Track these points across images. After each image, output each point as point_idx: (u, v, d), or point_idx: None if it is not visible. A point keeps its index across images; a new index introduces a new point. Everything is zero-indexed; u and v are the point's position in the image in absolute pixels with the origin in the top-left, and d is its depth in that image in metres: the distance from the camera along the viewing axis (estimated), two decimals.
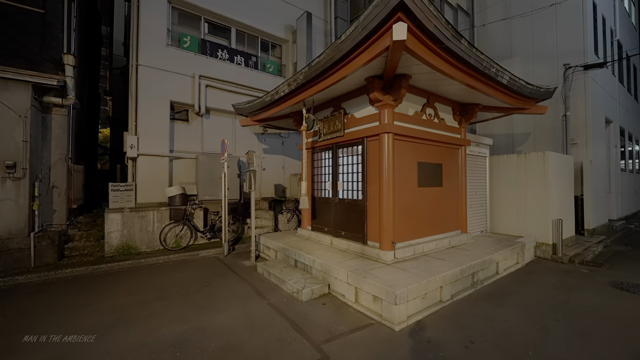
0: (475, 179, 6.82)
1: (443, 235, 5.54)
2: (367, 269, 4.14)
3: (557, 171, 6.68)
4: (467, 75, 4.12)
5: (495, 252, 5.14)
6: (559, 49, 9.53)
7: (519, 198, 6.83)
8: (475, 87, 4.44)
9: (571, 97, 9.07)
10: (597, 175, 9.19)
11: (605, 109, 10.18)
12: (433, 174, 5.44)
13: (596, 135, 9.31)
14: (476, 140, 6.68)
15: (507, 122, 10.80)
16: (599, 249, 7.36)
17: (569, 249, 6.77)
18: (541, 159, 6.46)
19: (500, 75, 4.36)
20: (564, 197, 6.99)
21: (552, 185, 6.43)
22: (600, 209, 9.22)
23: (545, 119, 9.76)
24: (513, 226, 6.93)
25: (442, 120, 5.64)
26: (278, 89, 5.10)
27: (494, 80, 4.44)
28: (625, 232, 9.61)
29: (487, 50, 11.49)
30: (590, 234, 8.42)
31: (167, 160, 8.33)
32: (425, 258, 4.68)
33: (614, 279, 5.10)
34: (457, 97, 5.58)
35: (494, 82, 4.49)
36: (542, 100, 5.89)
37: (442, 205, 5.62)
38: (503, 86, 4.68)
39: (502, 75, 4.39)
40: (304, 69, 4.31)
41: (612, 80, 11.10)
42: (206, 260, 6.69)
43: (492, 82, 4.49)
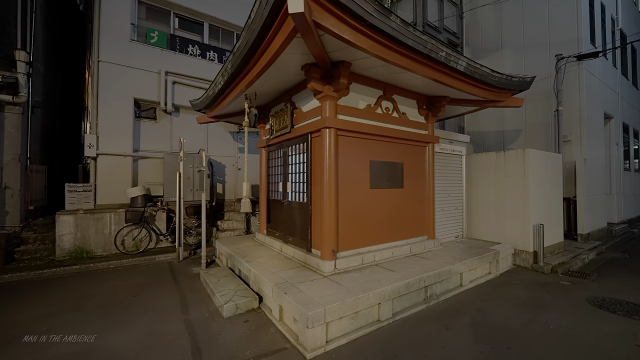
0: (449, 180, 6.23)
1: (403, 242, 4.99)
2: (297, 281, 3.65)
3: (540, 171, 6.03)
4: (411, 60, 3.58)
5: (459, 261, 4.57)
6: (551, 39, 8.83)
7: (497, 200, 6.21)
8: (428, 75, 3.89)
9: (564, 91, 8.35)
10: (594, 175, 8.44)
11: (604, 104, 9.39)
12: (391, 174, 4.90)
13: (592, 132, 8.56)
14: (448, 137, 6.09)
15: (497, 119, 10.13)
16: (590, 256, 6.66)
17: (554, 257, 6.11)
18: (520, 157, 5.83)
19: (453, 60, 3.80)
20: (550, 200, 6.33)
21: (533, 186, 5.79)
22: (596, 211, 8.47)
23: (537, 115, 9.06)
24: (492, 231, 6.31)
25: (403, 114, 5.10)
26: (216, 81, 4.66)
27: (448, 67, 3.88)
28: (626, 237, 8.82)
29: (478, 42, 10.83)
30: (584, 239, 7.70)
31: (130, 160, 7.99)
32: (373, 269, 4.15)
33: (595, 293, 4.46)
34: (420, 89, 5.03)
35: (449, 68, 3.93)
36: (518, 91, 5.28)
37: (404, 208, 5.07)
38: (462, 74, 4.12)
39: (456, 61, 3.83)
40: (229, 57, 3.85)
41: (613, 73, 10.28)
42: (158, 265, 6.29)
43: (446, 69, 3.94)
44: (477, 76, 4.22)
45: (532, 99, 9.19)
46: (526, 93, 9.38)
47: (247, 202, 4.71)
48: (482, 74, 4.26)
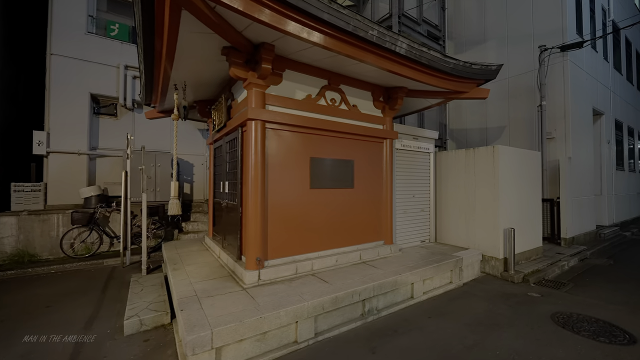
0: (414, 179, 5.73)
1: (352, 249, 4.50)
2: (208, 295, 3.18)
3: (514, 169, 5.51)
4: (336, 40, 3.10)
5: (410, 270, 4.07)
6: (535, 30, 8.29)
7: (467, 202, 5.70)
8: (364, 59, 3.41)
9: (547, 84, 7.81)
10: (581, 174, 7.89)
11: (593, 99, 8.83)
12: (339, 173, 4.41)
13: (579, 129, 8.00)
14: (412, 132, 5.59)
15: (481, 115, 9.60)
16: (571, 263, 6.12)
17: (529, 264, 5.59)
18: (490, 155, 5.32)
19: (389, 42, 3.31)
20: (526, 201, 5.80)
21: (504, 186, 5.27)
22: (583, 214, 7.91)
23: (520, 111, 8.53)
24: (461, 236, 5.79)
25: (354, 107, 4.61)
26: (139, 68, 4.21)
27: (385, 49, 3.40)
28: (615, 241, 8.24)
29: (461, 35, 10.31)
30: (568, 243, 7.15)
31: (86, 159, 7.58)
32: (306, 280, 3.67)
33: (564, 308, 3.94)
34: (374, 79, 4.55)
35: (387, 51, 3.44)
36: (484, 81, 4.77)
37: (354, 211, 4.58)
38: (406, 59, 3.63)
39: (393, 42, 3.34)
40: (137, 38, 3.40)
41: (604, 66, 9.71)
42: (100, 271, 5.86)
43: (384, 52, 3.45)
44: (425, 61, 3.72)
45: (515, 93, 8.66)
46: (509, 88, 8.87)
47: (174, 204, 4.26)
48: (431, 59, 3.76)
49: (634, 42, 12.53)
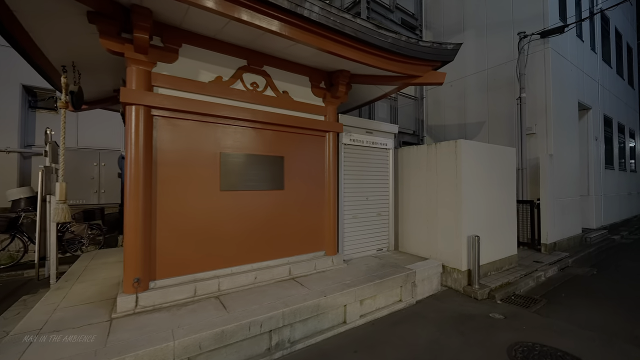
0: (368, 179, 5.01)
1: (279, 262, 3.77)
2: (55, 328, 2.44)
3: (481, 168, 4.81)
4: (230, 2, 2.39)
5: (343, 289, 3.35)
6: (515, 16, 7.60)
7: (429, 205, 4.99)
8: (270, 29, 2.70)
9: (528, 75, 7.12)
10: (563, 173, 7.20)
11: (578, 92, 8.15)
12: (263, 172, 3.69)
13: (563, 124, 7.32)
14: (365, 125, 4.86)
15: (459, 110, 8.91)
16: (549, 273, 5.42)
17: (499, 275, 4.89)
18: (452, 150, 4.61)
19: (295, 2, 2.59)
20: (497, 203, 5.10)
21: (469, 187, 4.57)
22: (567, 216, 7.22)
23: (500, 104, 7.84)
24: (423, 244, 5.08)
25: (284, 93, 3.89)
26: None
27: (295, 15, 2.68)
28: (602, 246, 7.56)
29: (439, 25, 9.62)
30: (549, 250, 6.45)
31: (17, 157, 6.83)
32: (203, 304, 2.94)
33: (527, 335, 3.23)
34: (308, 60, 3.83)
35: (297, 18, 2.72)
36: (440, 64, 4.06)
37: (284, 217, 3.86)
38: (326, 29, 2.91)
39: (299, 3, 2.62)
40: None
41: (591, 57, 9.04)
42: (12, 283, 5.12)
43: (295, 18, 2.73)
44: (350, 32, 3.00)
45: (495, 86, 7.97)
46: (488, 80, 8.18)
47: (60, 209, 3.52)
48: (359, 29, 3.03)
49: (624, 34, 11.90)
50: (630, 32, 12.88)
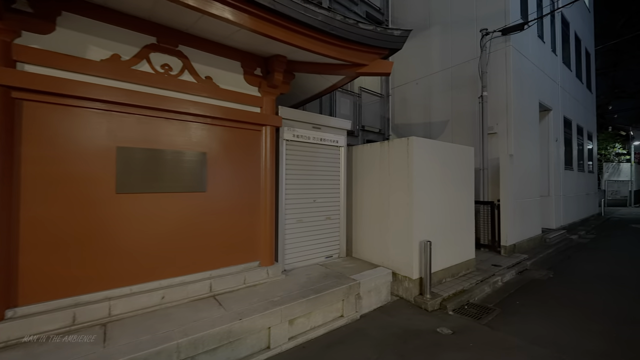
0: (316, 179, 4.55)
1: (198, 277, 3.22)
2: None
3: (435, 167, 4.49)
4: None
5: (266, 309, 2.85)
6: (478, 12, 7.45)
7: (381, 208, 4.61)
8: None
9: (489, 73, 6.97)
10: (524, 174, 7.12)
11: (540, 92, 8.16)
12: (177, 171, 3.12)
13: (524, 124, 7.25)
14: (312, 120, 4.40)
15: (425, 109, 8.70)
16: (507, 277, 5.22)
17: (454, 282, 4.59)
18: (404, 148, 4.25)
19: None
20: (453, 206, 4.82)
21: (421, 187, 4.23)
22: (528, 217, 7.16)
23: (463, 103, 7.67)
24: (375, 250, 4.70)
25: (207, 79, 3.34)
26: None
27: None
28: (561, 246, 7.58)
29: (406, 20, 9.37)
30: (509, 252, 6.31)
31: None
32: (78, 336, 2.33)
33: (474, 354, 2.89)
34: (237, 41, 3.30)
35: None
36: (388, 52, 3.67)
37: (206, 223, 3.31)
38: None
39: None
40: None
41: (552, 60, 9.13)
42: None
43: None
44: (268, 4, 2.51)
45: (458, 84, 7.80)
46: (453, 78, 7.99)
47: None
48: (280, 1, 2.55)
49: (583, 39, 12.27)
50: (589, 39, 13.35)
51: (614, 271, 5.58)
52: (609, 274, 5.43)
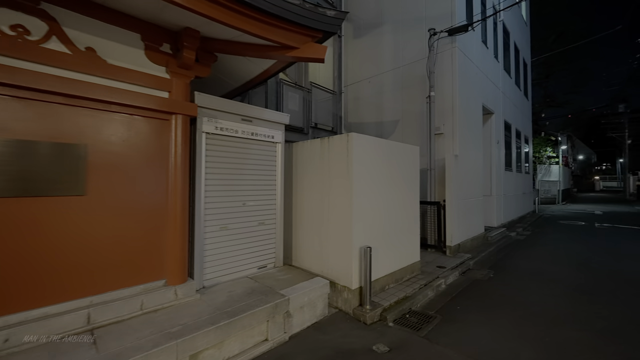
0: (246, 180, 3.98)
1: (71, 306, 2.48)
2: None
3: (378, 167, 4.19)
4: None
5: (153, 348, 2.23)
6: (427, 13, 7.44)
7: (321, 211, 4.20)
8: None
9: (437, 73, 6.97)
10: (469, 174, 7.26)
11: (483, 96, 8.44)
12: (39, 168, 2.36)
13: (469, 126, 7.39)
14: (240, 111, 3.82)
15: (377, 108, 8.54)
16: (450, 279, 5.13)
17: (398, 288, 4.33)
18: (344, 146, 3.88)
19: None
20: (398, 207, 4.57)
21: (362, 188, 3.88)
22: (471, 217, 7.31)
23: (413, 103, 7.61)
24: (315, 257, 4.27)
25: (87, 50, 2.60)
26: None
27: None
28: (501, 244, 7.90)
29: (359, 17, 9.16)
30: (453, 252, 6.32)
31: None
32: None
33: None
34: (132, 7, 2.61)
35: None
36: (321, 34, 3.23)
37: (86, 235, 2.58)
38: None
39: None
40: None
41: (495, 65, 9.57)
42: None
43: None
44: None
45: (409, 84, 7.74)
46: (403, 77, 7.92)
47: None
48: None
49: (521, 50, 13.22)
50: (526, 50, 14.47)
51: (546, 267, 5.82)
52: (543, 270, 5.64)
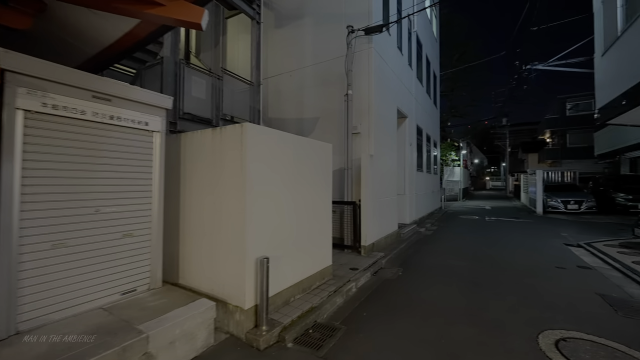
0: (106, 178, 3.00)
1: None
2: None
3: (281, 164, 3.68)
4: None
5: None
6: (347, 9, 7.32)
7: (213, 216, 3.48)
8: None
9: (354, 72, 6.89)
10: (384, 174, 7.41)
11: (398, 99, 8.82)
12: None
13: (384, 126, 7.55)
14: (89, 85, 2.82)
15: (298, 104, 8.12)
16: (362, 281, 4.99)
17: (304, 299, 3.90)
18: (237, 138, 3.25)
19: None
20: (307, 209, 4.16)
21: (259, 188, 3.32)
22: (386, 215, 7.50)
23: (332, 101, 7.41)
24: (206, 273, 3.53)
25: None
26: None
27: None
28: (412, 240, 8.37)
29: (282, 7, 8.60)
30: (368, 251, 6.30)
31: None
32: None
33: None
34: None
35: None
36: None
37: None
38: None
39: None
40: None
41: (408, 72, 10.17)
42: None
43: None
44: None
45: (328, 81, 7.52)
46: (323, 73, 7.61)
47: None
48: None
49: (432, 62, 14.62)
50: (436, 63, 16.13)
51: (447, 261, 6.24)
52: (444, 264, 6.00)
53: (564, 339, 3.18)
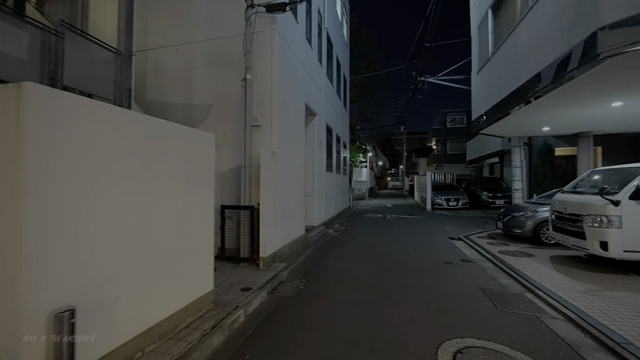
0: None
1: None
2: None
3: (121, 155, 2.42)
4: None
5: None
6: None
7: None
8: None
9: (255, 55, 5.91)
10: (289, 174, 6.68)
11: (306, 95, 8.25)
12: None
13: (289, 121, 6.80)
14: None
15: (186, 87, 6.59)
16: (254, 305, 4.06)
17: (163, 348, 2.72)
18: (7, 109, 1.87)
19: None
20: (169, 221, 2.97)
21: (75, 192, 2.01)
22: (292, 219, 6.79)
23: (229, 86, 6.23)
24: None
25: None
26: None
27: None
28: (319, 243, 7.93)
29: None
30: (268, 263, 5.42)
31: None
32: None
33: None
34: None
35: None
36: None
37: None
38: None
39: None
40: None
41: (318, 68, 9.78)
42: None
43: None
44: None
45: (225, 61, 6.31)
46: (218, 53, 6.12)
47: None
48: None
49: (342, 65, 14.88)
50: (346, 67, 16.59)
51: (353, 266, 5.91)
52: (350, 270, 5.63)
53: (460, 351, 3.00)
